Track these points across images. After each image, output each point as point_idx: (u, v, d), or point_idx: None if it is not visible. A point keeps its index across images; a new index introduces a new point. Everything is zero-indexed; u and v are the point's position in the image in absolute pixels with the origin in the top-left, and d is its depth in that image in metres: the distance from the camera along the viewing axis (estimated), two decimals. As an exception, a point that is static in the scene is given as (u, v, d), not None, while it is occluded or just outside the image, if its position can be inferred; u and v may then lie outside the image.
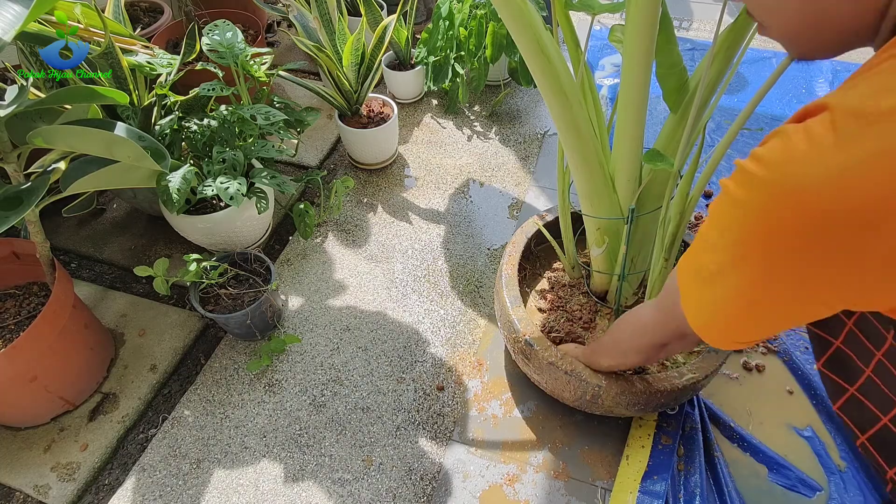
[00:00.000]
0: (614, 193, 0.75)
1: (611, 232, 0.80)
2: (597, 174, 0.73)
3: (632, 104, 0.66)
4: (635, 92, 0.64)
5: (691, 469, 0.89)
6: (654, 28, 0.59)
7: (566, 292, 0.94)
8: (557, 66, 0.66)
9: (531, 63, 0.66)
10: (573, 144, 0.71)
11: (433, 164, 1.48)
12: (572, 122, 0.69)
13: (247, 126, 1.05)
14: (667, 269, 0.75)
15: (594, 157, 0.72)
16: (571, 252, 0.94)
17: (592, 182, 0.74)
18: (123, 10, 1.10)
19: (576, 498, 0.88)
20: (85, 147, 0.76)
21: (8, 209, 0.69)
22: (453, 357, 1.07)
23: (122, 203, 1.36)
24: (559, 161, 0.82)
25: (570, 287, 0.95)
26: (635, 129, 0.68)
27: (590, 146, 0.71)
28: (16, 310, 0.94)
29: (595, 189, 0.75)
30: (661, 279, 0.77)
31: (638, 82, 0.63)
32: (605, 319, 0.89)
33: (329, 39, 1.26)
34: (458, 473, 0.91)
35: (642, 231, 0.80)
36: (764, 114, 1.63)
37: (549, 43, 0.65)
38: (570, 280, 0.96)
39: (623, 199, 0.75)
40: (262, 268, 1.07)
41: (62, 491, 0.90)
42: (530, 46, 0.64)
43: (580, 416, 0.97)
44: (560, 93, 0.67)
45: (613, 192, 0.75)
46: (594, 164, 0.72)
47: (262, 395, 1.02)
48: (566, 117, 0.68)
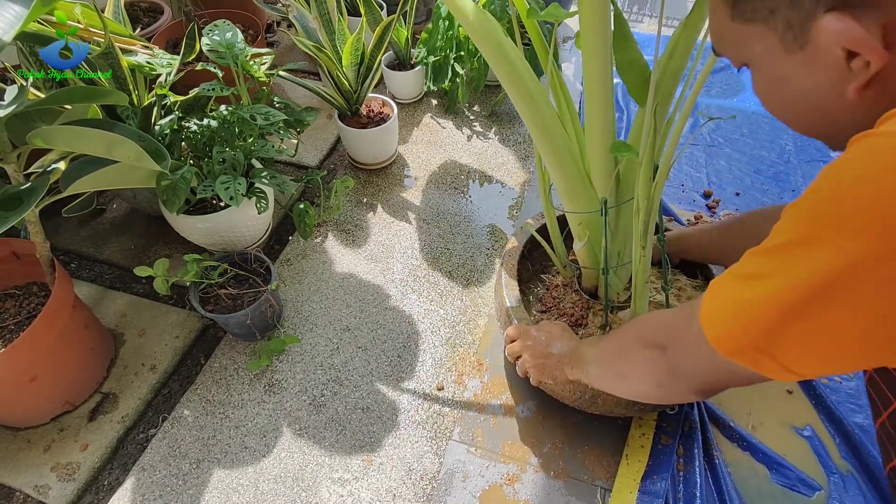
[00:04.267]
0: (591, 188, 0.77)
1: (592, 226, 0.81)
2: (571, 170, 0.75)
3: (596, 100, 0.68)
4: (598, 89, 0.67)
5: (691, 469, 0.89)
6: (606, 27, 0.61)
7: (560, 292, 0.95)
8: (521, 71, 0.68)
9: (495, 69, 0.68)
10: (544, 144, 0.73)
11: (433, 164, 1.48)
12: (541, 122, 0.71)
13: (247, 126, 1.05)
14: (645, 257, 0.75)
15: (567, 155, 0.74)
16: (561, 251, 0.94)
17: (567, 178, 0.76)
18: (123, 10, 1.10)
19: (575, 498, 0.88)
20: (85, 147, 0.76)
21: (8, 209, 0.69)
22: (453, 357, 1.07)
23: (122, 203, 1.36)
24: (538, 162, 0.84)
25: (563, 287, 0.95)
26: (603, 123, 0.70)
27: (560, 144, 0.73)
28: (16, 310, 0.94)
29: (571, 185, 0.76)
30: (643, 268, 0.77)
31: (599, 79, 0.66)
32: (598, 316, 0.89)
33: (329, 39, 1.26)
34: (457, 473, 0.91)
35: (625, 223, 0.81)
36: (763, 113, 1.63)
37: (510, 49, 0.67)
38: (563, 280, 0.96)
39: (600, 192, 0.77)
40: (262, 268, 1.07)
41: (62, 491, 0.90)
42: (493, 52, 0.67)
43: (580, 416, 0.97)
44: (526, 95, 0.69)
45: (590, 186, 0.77)
46: (567, 160, 0.74)
47: (262, 395, 1.02)
48: (535, 118, 0.71)
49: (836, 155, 0.40)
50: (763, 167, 1.46)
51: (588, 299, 0.92)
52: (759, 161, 1.48)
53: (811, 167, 1.46)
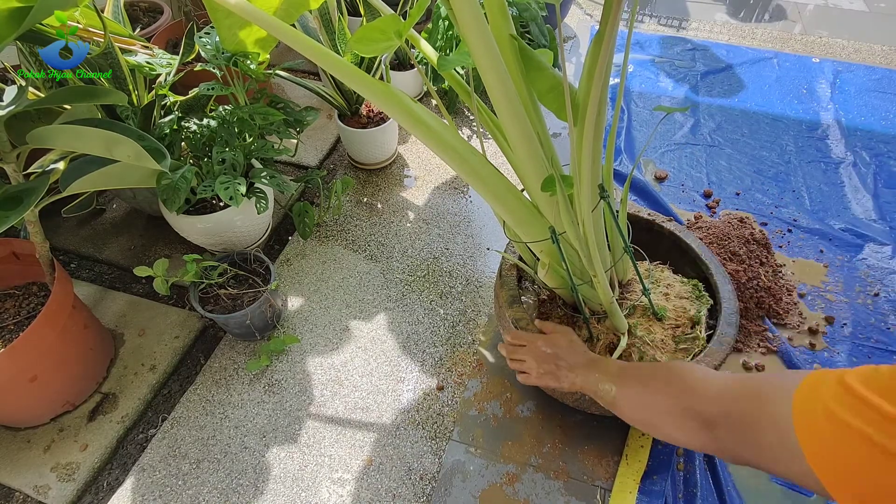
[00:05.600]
0: (540, 216, 0.76)
1: (552, 253, 0.80)
2: (513, 205, 0.74)
3: (518, 138, 0.68)
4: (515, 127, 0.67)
5: (691, 469, 0.89)
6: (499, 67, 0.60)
7: (547, 307, 0.94)
8: (436, 128, 0.68)
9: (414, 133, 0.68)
10: (480, 189, 0.73)
11: (433, 164, 1.48)
12: (471, 172, 0.71)
13: (246, 126, 1.05)
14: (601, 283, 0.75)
15: (506, 194, 0.73)
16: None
17: (511, 212, 0.75)
18: (123, 10, 1.10)
19: (575, 498, 0.88)
20: (84, 147, 0.76)
21: (7, 209, 0.69)
22: (453, 357, 1.07)
23: (122, 203, 1.36)
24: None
25: (549, 301, 0.94)
26: (530, 157, 0.69)
27: (498, 186, 0.72)
28: (15, 310, 0.94)
29: (516, 218, 0.76)
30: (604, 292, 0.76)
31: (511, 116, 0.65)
32: (584, 329, 0.88)
33: (329, 39, 1.26)
34: (457, 473, 0.91)
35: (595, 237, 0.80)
36: (764, 113, 1.63)
37: (421, 111, 0.67)
38: (549, 295, 0.95)
39: (551, 219, 0.76)
40: (262, 268, 1.07)
41: (62, 491, 0.90)
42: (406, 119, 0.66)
43: (580, 416, 0.97)
44: (449, 150, 0.69)
45: (539, 215, 0.76)
46: (508, 199, 0.73)
47: (261, 395, 1.02)
48: (463, 169, 0.70)
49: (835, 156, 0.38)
50: (763, 167, 1.46)
51: (572, 315, 0.91)
52: (760, 161, 1.48)
53: (811, 167, 1.46)
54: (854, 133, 1.56)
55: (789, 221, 1.32)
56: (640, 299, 0.88)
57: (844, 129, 1.57)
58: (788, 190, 1.40)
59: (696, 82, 1.76)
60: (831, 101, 1.67)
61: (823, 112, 1.64)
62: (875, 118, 1.61)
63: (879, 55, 1.88)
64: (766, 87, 1.75)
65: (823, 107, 1.66)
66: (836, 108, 1.65)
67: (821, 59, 1.86)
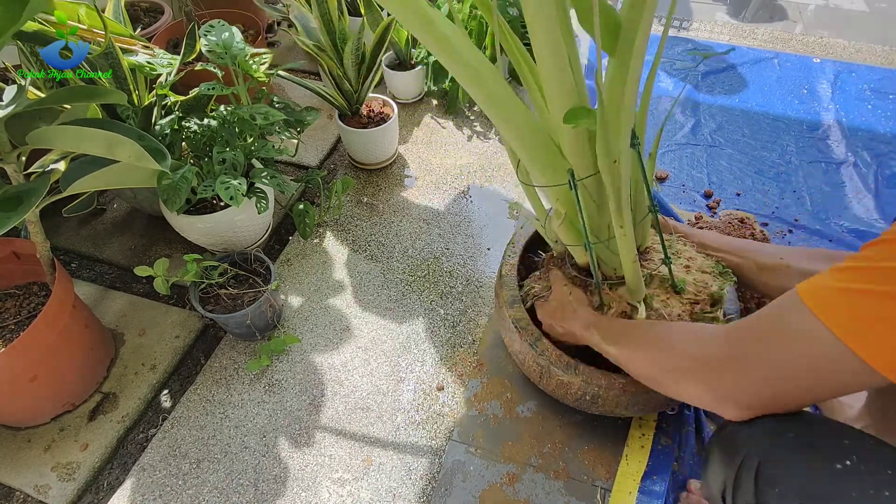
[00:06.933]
0: (561, 158, 0.67)
1: (568, 201, 0.72)
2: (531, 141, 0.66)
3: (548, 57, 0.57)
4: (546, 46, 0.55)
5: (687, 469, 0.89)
6: None
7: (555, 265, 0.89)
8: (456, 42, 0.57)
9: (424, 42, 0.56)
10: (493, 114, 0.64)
11: (433, 164, 1.48)
12: (489, 97, 0.61)
13: (247, 126, 1.05)
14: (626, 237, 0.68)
15: (523, 123, 0.64)
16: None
17: (527, 150, 0.66)
18: (123, 10, 1.10)
19: (575, 498, 0.88)
20: (85, 147, 0.76)
21: (8, 210, 0.69)
22: (453, 357, 1.07)
23: (122, 203, 1.36)
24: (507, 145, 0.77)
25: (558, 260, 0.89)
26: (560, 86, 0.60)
27: (514, 112, 0.63)
28: (16, 310, 0.95)
29: (533, 156, 0.67)
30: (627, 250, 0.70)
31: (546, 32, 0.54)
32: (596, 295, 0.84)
33: (329, 39, 1.26)
34: (457, 473, 0.91)
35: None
36: (764, 113, 1.63)
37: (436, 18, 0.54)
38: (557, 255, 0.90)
39: (573, 162, 0.67)
40: (262, 268, 1.07)
41: (62, 491, 0.90)
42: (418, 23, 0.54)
43: (580, 416, 0.96)
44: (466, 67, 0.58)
45: (560, 156, 0.67)
46: (525, 130, 0.65)
47: (262, 395, 1.02)
48: (481, 95, 0.61)
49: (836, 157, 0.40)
50: (764, 168, 1.46)
51: (584, 279, 0.84)
52: (761, 161, 1.48)
53: (812, 168, 1.45)
54: (855, 133, 1.56)
55: (790, 222, 1.32)
56: (658, 268, 0.81)
57: (845, 129, 1.57)
58: (789, 190, 1.40)
59: (697, 82, 1.76)
60: (832, 102, 1.67)
61: (824, 112, 1.63)
62: (876, 118, 1.61)
63: (880, 55, 1.88)
64: (767, 87, 1.74)
65: (824, 107, 1.65)
66: (836, 109, 1.64)
67: (821, 59, 1.86)
